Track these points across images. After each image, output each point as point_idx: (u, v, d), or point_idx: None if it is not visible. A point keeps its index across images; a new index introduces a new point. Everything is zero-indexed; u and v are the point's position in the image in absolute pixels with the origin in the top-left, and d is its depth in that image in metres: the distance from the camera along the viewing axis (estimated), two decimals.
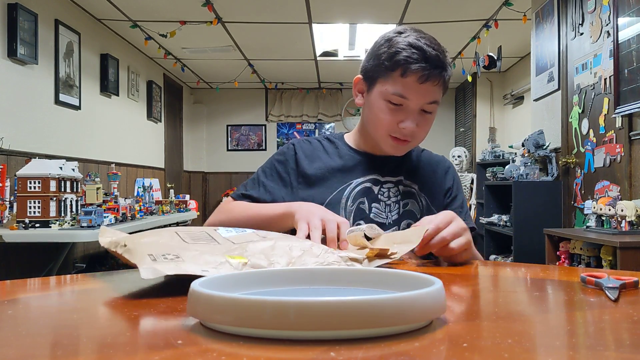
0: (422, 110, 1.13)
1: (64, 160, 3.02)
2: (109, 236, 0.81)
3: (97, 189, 3.26)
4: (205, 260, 0.69)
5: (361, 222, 1.15)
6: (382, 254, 0.80)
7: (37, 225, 2.73)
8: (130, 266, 0.72)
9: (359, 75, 1.20)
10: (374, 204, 1.18)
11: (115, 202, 3.35)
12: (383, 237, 0.94)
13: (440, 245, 0.89)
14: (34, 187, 2.75)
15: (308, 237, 0.93)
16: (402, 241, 0.88)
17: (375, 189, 1.20)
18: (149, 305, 0.60)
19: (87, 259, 4.20)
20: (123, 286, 0.74)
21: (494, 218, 4.53)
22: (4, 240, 2.58)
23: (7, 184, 2.96)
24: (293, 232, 1.00)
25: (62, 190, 2.88)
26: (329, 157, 1.24)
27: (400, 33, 1.13)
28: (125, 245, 0.73)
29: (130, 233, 0.78)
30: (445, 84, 1.14)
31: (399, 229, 1.16)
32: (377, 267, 0.75)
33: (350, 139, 1.28)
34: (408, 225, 1.17)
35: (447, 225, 0.91)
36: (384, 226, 1.16)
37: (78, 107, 4.39)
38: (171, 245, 0.73)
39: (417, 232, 0.88)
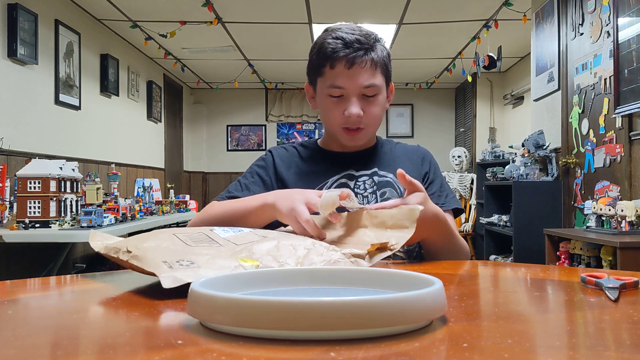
0: (363, 95, 1.16)
1: (64, 160, 3.02)
2: (99, 239, 0.80)
3: (97, 189, 3.26)
4: (220, 265, 0.69)
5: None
6: (383, 248, 0.81)
7: (37, 225, 2.73)
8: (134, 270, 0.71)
9: (307, 82, 1.28)
10: None
11: (115, 203, 3.35)
12: (366, 215, 0.93)
13: None
14: (34, 187, 2.75)
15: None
16: (395, 225, 0.88)
17: (351, 183, 1.22)
18: (149, 305, 0.60)
19: (87, 259, 4.20)
20: (123, 286, 0.74)
21: (494, 218, 4.53)
22: (4, 240, 2.58)
23: (7, 184, 2.96)
24: (277, 224, 1.01)
25: (62, 190, 2.88)
26: (303, 161, 1.28)
27: (326, 31, 1.19)
28: (129, 252, 0.72)
29: (130, 233, 0.78)
30: (379, 65, 1.16)
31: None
32: (377, 263, 0.76)
33: (322, 142, 1.33)
34: None
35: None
36: None
37: (78, 107, 4.39)
38: (177, 249, 0.73)
39: (409, 215, 0.87)
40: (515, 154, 4.57)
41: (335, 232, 0.93)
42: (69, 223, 2.85)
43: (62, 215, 2.87)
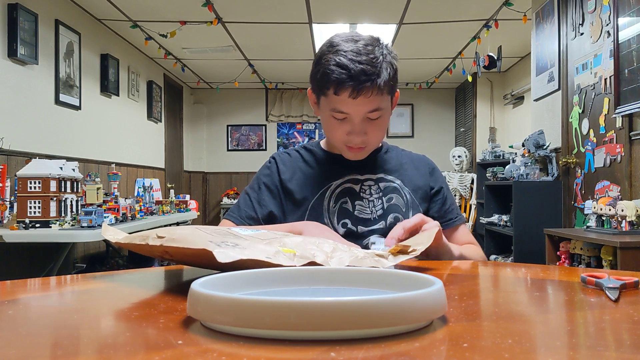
0: (367, 118, 1.14)
1: (64, 160, 3.03)
2: (111, 233, 0.80)
3: (98, 189, 3.26)
4: (262, 249, 0.70)
5: (346, 220, 1.19)
6: (403, 251, 0.83)
7: (38, 225, 2.73)
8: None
9: (310, 88, 1.24)
10: (357, 202, 1.20)
11: (116, 202, 3.35)
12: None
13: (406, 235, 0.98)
14: (34, 187, 2.75)
15: None
16: (415, 244, 0.91)
17: (356, 187, 1.22)
18: (149, 305, 0.60)
19: (88, 259, 4.21)
20: (123, 286, 0.74)
21: (494, 218, 4.53)
22: (4, 240, 2.58)
23: (8, 184, 2.96)
24: None
25: (63, 190, 2.88)
26: (307, 165, 1.27)
27: (332, 47, 1.13)
28: (161, 237, 0.69)
29: (130, 234, 0.78)
30: (385, 88, 1.12)
31: (385, 224, 1.19)
32: (394, 265, 0.78)
33: (325, 143, 1.32)
34: (394, 219, 1.19)
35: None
36: (369, 222, 1.19)
37: (78, 107, 4.39)
38: (212, 235, 0.73)
39: (427, 236, 0.92)
40: (516, 153, 4.57)
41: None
42: (69, 223, 2.85)
43: (63, 215, 2.87)
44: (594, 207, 2.85)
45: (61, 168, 2.89)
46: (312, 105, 1.26)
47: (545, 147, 3.84)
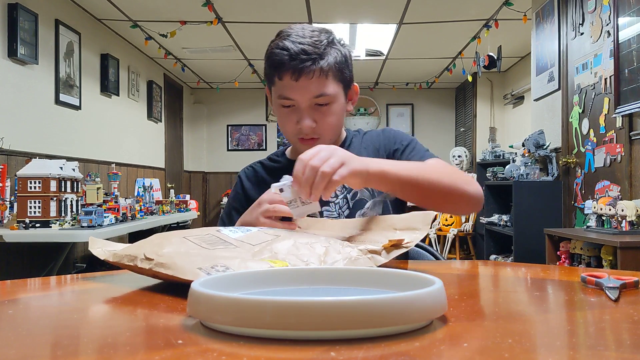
0: (316, 104, 1.12)
1: (64, 160, 3.02)
2: (99, 246, 0.79)
3: (98, 189, 3.26)
4: (253, 268, 0.68)
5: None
6: (397, 245, 0.80)
7: (38, 225, 2.73)
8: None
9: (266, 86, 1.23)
10: (323, 207, 1.17)
11: (116, 202, 3.35)
12: (375, 218, 0.93)
13: (313, 175, 0.87)
14: (35, 187, 2.75)
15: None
16: (405, 227, 0.87)
17: None
18: (149, 305, 0.60)
19: (88, 259, 4.20)
20: (123, 286, 0.74)
21: (494, 218, 4.53)
22: (4, 240, 2.58)
23: (8, 184, 2.96)
24: None
25: (63, 190, 2.88)
26: (270, 175, 1.25)
27: (279, 34, 1.13)
28: (149, 259, 0.69)
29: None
30: (332, 72, 1.10)
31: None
32: (385, 264, 0.76)
33: (289, 151, 1.30)
34: (362, 216, 1.15)
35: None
36: None
37: (78, 107, 4.39)
38: (201, 254, 0.71)
39: (422, 219, 0.86)
40: (516, 153, 4.57)
41: (342, 234, 0.92)
42: (69, 223, 2.85)
43: (63, 215, 2.87)
44: (594, 207, 2.85)
45: (61, 168, 2.89)
46: (271, 104, 1.23)
47: (545, 147, 3.84)
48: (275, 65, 1.09)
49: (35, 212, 2.75)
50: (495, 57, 4.73)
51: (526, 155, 3.96)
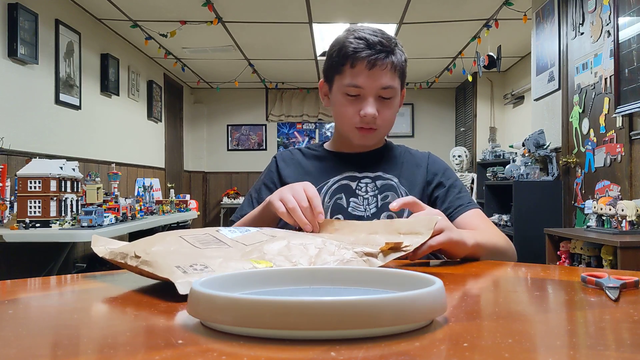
0: (379, 97, 1.18)
1: (65, 160, 3.02)
2: (102, 244, 0.80)
3: (98, 188, 3.26)
4: (233, 267, 0.68)
5: (339, 216, 1.18)
6: (396, 248, 0.79)
7: (38, 225, 2.73)
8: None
9: (322, 79, 1.28)
10: (351, 199, 1.20)
11: (116, 202, 3.35)
12: (380, 222, 0.94)
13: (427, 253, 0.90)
14: (35, 187, 2.75)
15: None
16: (409, 231, 0.86)
17: (353, 184, 1.22)
18: (149, 305, 0.60)
19: (88, 259, 4.20)
20: (123, 286, 0.74)
21: (495, 218, 4.53)
22: (4, 240, 2.58)
23: (8, 183, 2.96)
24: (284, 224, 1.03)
25: (63, 190, 2.88)
26: (307, 161, 1.30)
27: (348, 31, 1.20)
28: (137, 257, 0.70)
29: (130, 233, 0.78)
30: (398, 69, 1.18)
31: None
32: (383, 265, 0.75)
33: (328, 145, 1.34)
34: (388, 217, 1.17)
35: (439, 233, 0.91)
36: (362, 219, 1.18)
37: (78, 107, 4.39)
38: (187, 253, 0.72)
39: (426, 223, 0.85)
40: (516, 153, 4.57)
41: (346, 238, 0.91)
42: (69, 223, 2.85)
43: (63, 215, 2.87)
44: (594, 207, 2.85)
45: (61, 168, 2.89)
46: (322, 97, 1.29)
47: (545, 146, 3.84)
48: (349, 53, 1.15)
49: (35, 212, 2.75)
50: (495, 57, 4.72)
51: (526, 155, 3.96)
